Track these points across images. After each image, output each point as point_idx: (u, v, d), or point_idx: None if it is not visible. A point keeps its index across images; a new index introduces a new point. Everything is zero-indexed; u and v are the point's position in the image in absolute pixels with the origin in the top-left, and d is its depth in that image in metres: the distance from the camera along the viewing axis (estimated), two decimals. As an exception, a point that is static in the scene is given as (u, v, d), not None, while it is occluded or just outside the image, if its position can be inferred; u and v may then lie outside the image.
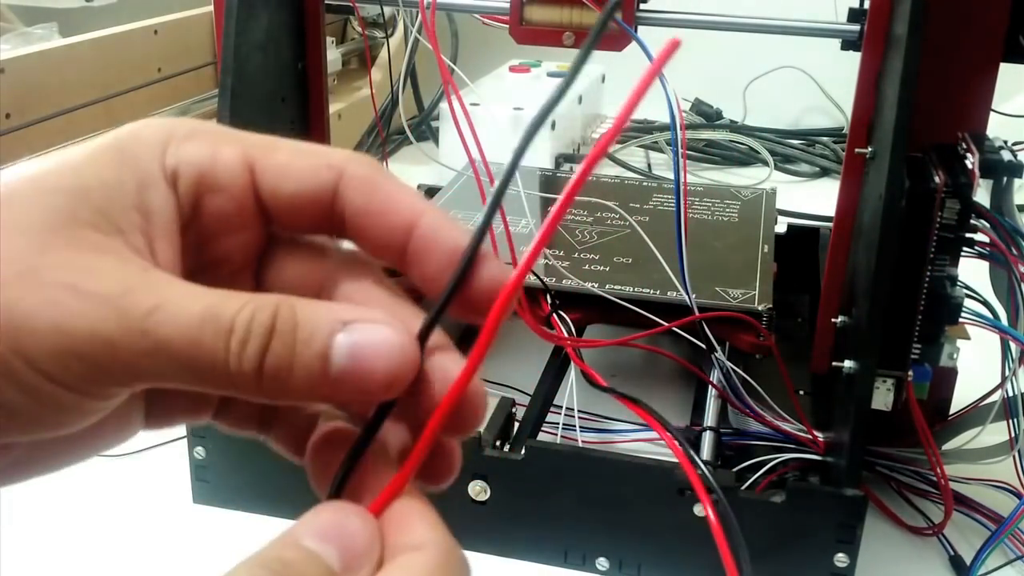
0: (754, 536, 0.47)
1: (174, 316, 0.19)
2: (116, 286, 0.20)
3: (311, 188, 0.22)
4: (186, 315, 0.19)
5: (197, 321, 0.19)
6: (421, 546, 0.20)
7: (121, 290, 0.20)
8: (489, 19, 0.62)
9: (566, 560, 0.50)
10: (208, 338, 0.19)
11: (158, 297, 0.20)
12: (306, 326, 0.20)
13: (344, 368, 0.20)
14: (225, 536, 0.53)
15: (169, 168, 0.22)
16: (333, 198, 0.22)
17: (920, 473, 0.56)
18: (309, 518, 0.20)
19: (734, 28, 0.59)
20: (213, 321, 0.20)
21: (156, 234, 0.21)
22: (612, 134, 0.21)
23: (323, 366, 0.20)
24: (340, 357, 0.20)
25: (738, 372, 0.56)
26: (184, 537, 0.53)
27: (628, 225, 0.70)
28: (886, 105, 0.47)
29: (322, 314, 0.20)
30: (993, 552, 0.51)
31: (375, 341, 0.20)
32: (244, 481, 0.54)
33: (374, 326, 0.20)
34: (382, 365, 0.20)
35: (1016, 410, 0.50)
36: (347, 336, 0.20)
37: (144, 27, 0.96)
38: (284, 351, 0.20)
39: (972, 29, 0.51)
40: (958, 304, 0.48)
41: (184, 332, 0.19)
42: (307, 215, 0.22)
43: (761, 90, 1.23)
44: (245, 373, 0.20)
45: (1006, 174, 0.48)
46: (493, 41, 0.83)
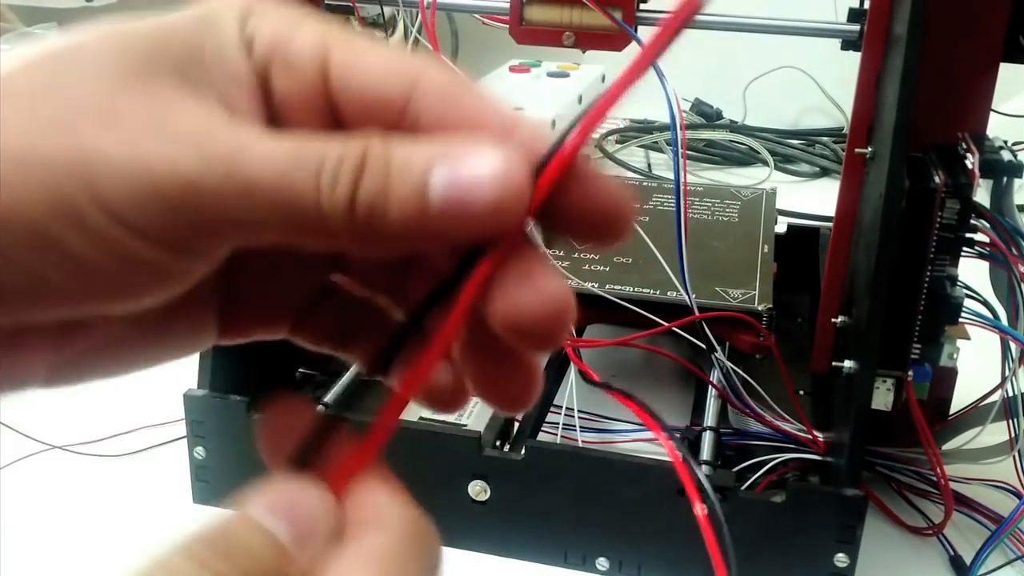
0: (754, 536, 0.47)
1: (262, 156, 0.18)
2: (199, 127, 0.18)
3: (384, 87, 0.20)
4: (274, 154, 0.18)
5: (285, 159, 0.18)
6: (385, 524, 0.19)
7: (204, 131, 0.18)
8: (489, 19, 0.62)
9: (566, 560, 0.50)
10: (298, 175, 0.18)
11: (244, 139, 0.18)
12: (400, 156, 0.19)
13: (445, 195, 0.18)
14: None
15: (247, 35, 0.20)
16: (406, 102, 0.20)
17: (920, 473, 0.56)
18: (260, 491, 0.19)
19: (734, 28, 0.59)
20: (302, 158, 0.18)
21: (236, 95, 0.20)
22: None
23: (421, 197, 0.18)
24: (439, 185, 0.18)
25: (738, 372, 0.56)
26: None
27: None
28: (886, 105, 0.47)
29: (418, 146, 0.19)
30: (993, 552, 0.51)
31: (476, 163, 0.18)
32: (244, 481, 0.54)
33: (475, 150, 0.19)
34: (486, 188, 0.18)
35: (1016, 410, 0.50)
36: (445, 166, 0.18)
37: (144, 27, 0.96)
38: (377, 184, 0.18)
39: (972, 29, 0.51)
40: (958, 304, 0.48)
41: (273, 170, 0.18)
42: (377, 116, 0.20)
43: (761, 90, 1.23)
44: (337, 209, 0.18)
45: (1006, 174, 0.49)
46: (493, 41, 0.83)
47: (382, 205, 0.18)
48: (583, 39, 0.57)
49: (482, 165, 0.18)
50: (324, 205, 0.18)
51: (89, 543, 0.53)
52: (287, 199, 0.18)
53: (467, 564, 0.51)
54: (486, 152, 0.19)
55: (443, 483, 0.50)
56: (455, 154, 0.19)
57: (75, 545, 0.52)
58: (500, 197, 0.18)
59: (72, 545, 0.52)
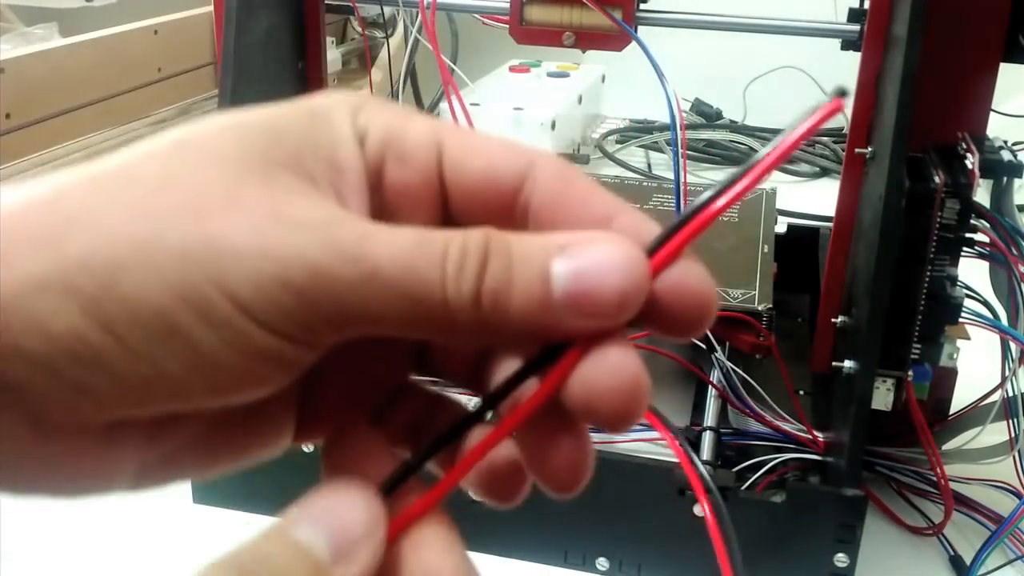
0: (754, 536, 0.47)
1: (387, 242, 0.18)
2: (321, 216, 0.18)
3: (499, 171, 0.21)
4: (399, 240, 0.18)
5: (410, 247, 0.18)
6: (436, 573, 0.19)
7: (327, 219, 0.18)
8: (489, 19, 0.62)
9: (566, 560, 0.50)
10: (423, 263, 0.18)
11: (368, 227, 0.18)
12: (521, 248, 0.18)
13: (568, 288, 0.18)
14: (225, 536, 0.53)
15: (360, 128, 0.21)
16: (519, 188, 0.20)
17: (920, 473, 0.56)
18: (305, 500, 0.19)
19: (734, 28, 0.59)
20: (428, 246, 0.18)
21: (347, 190, 0.20)
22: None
23: (544, 287, 0.18)
24: (562, 276, 0.18)
25: (738, 372, 0.56)
26: (184, 537, 0.53)
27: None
28: (886, 105, 0.47)
29: (537, 239, 0.19)
30: (993, 552, 0.51)
31: (599, 257, 0.18)
32: (244, 481, 0.54)
33: (594, 243, 0.19)
34: (612, 280, 0.18)
35: (1016, 410, 0.50)
36: (567, 258, 0.18)
37: (144, 27, 0.96)
38: (502, 272, 0.18)
39: (972, 29, 0.51)
40: (958, 304, 0.48)
41: (398, 257, 0.18)
42: (489, 201, 0.21)
43: (761, 90, 1.23)
44: (463, 298, 0.18)
45: (1006, 174, 0.49)
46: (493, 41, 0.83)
47: (506, 295, 0.18)
48: (583, 39, 0.57)
49: (605, 257, 0.18)
50: (450, 294, 0.18)
51: (89, 543, 0.53)
52: (413, 287, 0.18)
53: (467, 564, 0.51)
54: (608, 244, 0.19)
55: (443, 483, 0.50)
56: (576, 245, 0.19)
57: (76, 545, 0.52)
58: (624, 289, 0.18)
59: (73, 545, 0.52)
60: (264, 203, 0.18)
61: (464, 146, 0.21)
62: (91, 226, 0.17)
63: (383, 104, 0.21)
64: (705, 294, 0.20)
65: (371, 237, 0.18)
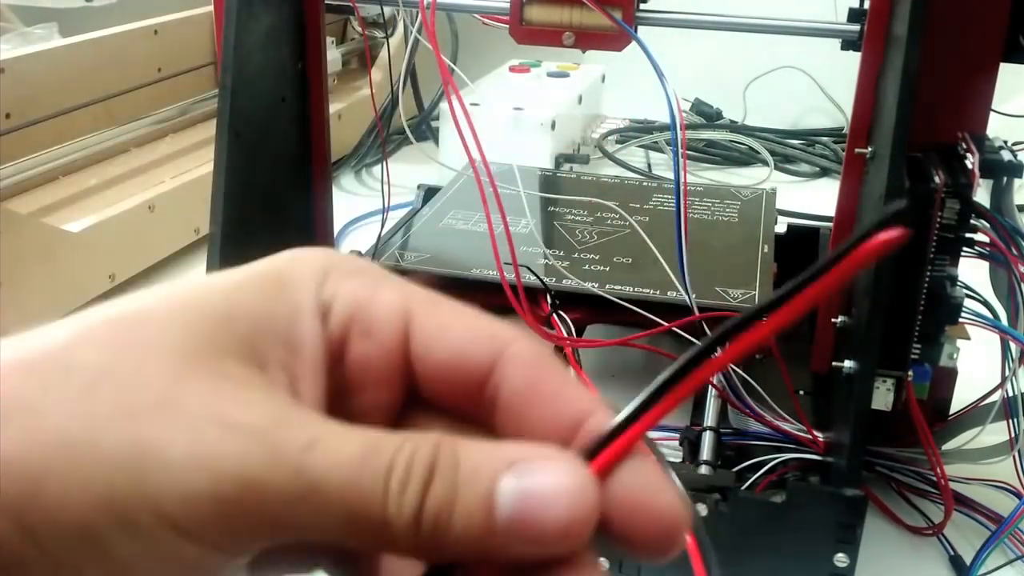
0: (754, 536, 0.47)
1: (333, 452, 0.17)
2: (267, 418, 0.17)
3: (469, 355, 0.20)
4: (346, 451, 0.17)
5: (357, 459, 0.17)
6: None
7: (272, 423, 0.17)
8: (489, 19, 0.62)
9: (566, 560, 0.50)
10: (368, 478, 0.17)
11: (313, 432, 0.17)
12: (468, 464, 0.18)
13: (512, 514, 0.17)
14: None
15: (324, 301, 0.20)
16: (489, 372, 0.20)
17: (920, 473, 0.56)
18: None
19: (734, 28, 0.59)
20: (372, 458, 0.17)
21: (301, 372, 0.19)
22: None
23: (488, 511, 0.17)
24: (507, 501, 0.17)
25: (738, 372, 0.56)
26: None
27: (628, 225, 0.70)
28: (886, 105, 0.47)
29: (486, 452, 0.18)
30: (993, 552, 0.51)
31: (546, 480, 0.17)
32: None
33: (546, 463, 0.18)
34: (556, 510, 0.17)
35: (1016, 410, 0.50)
36: (514, 478, 0.17)
37: (144, 27, 0.96)
38: (446, 493, 0.17)
39: (972, 29, 0.51)
40: (958, 304, 0.48)
41: (343, 470, 0.17)
42: (457, 385, 0.20)
43: (761, 90, 1.23)
44: (403, 518, 0.17)
45: (1006, 174, 0.49)
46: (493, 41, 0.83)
47: (447, 519, 0.17)
48: (583, 39, 0.57)
49: (553, 480, 0.17)
50: (390, 513, 0.17)
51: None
52: (354, 503, 0.17)
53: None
54: (558, 466, 0.18)
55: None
56: (526, 463, 0.18)
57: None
58: (570, 519, 0.17)
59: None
60: (204, 403, 0.17)
61: (434, 323, 0.20)
62: (22, 424, 0.17)
63: (352, 268, 0.20)
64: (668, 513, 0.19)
65: (315, 446, 0.17)
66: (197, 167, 0.89)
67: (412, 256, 0.67)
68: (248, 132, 0.56)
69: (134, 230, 0.80)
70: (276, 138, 0.61)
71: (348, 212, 0.92)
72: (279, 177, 0.62)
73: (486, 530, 0.17)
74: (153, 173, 0.88)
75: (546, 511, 0.17)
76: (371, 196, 1.04)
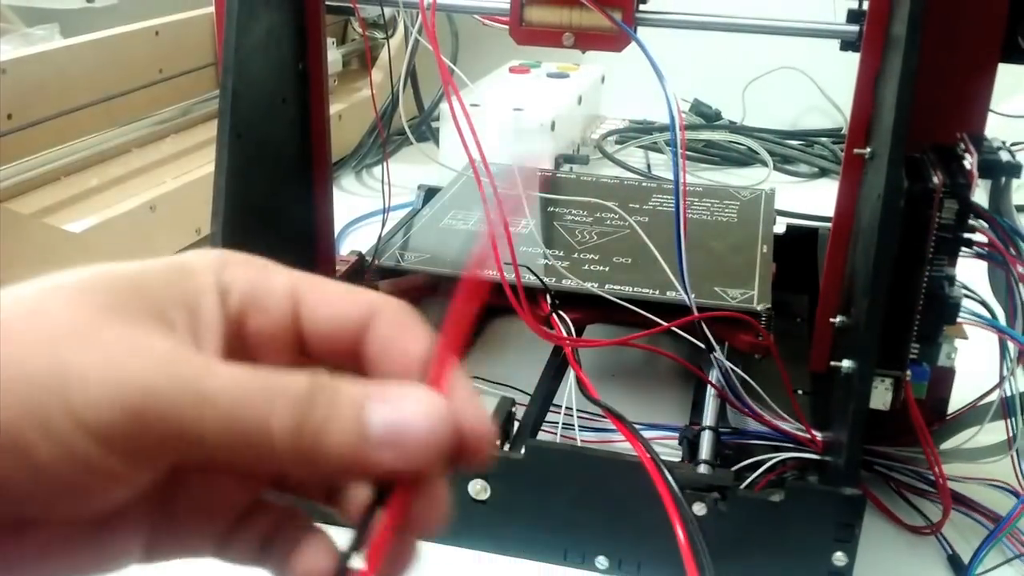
0: (752, 535, 0.47)
1: (224, 378, 0.20)
2: (168, 351, 0.21)
3: (343, 320, 0.24)
4: (236, 378, 0.20)
5: (243, 385, 0.20)
6: None
7: (172, 354, 0.21)
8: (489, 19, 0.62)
9: (566, 559, 0.51)
10: (257, 397, 0.20)
11: (209, 365, 0.21)
12: (344, 391, 0.21)
13: (381, 431, 0.21)
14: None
15: (223, 284, 0.23)
16: (363, 334, 0.23)
17: (918, 472, 0.56)
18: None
19: (734, 28, 0.59)
20: (259, 386, 0.20)
21: (202, 335, 0.22)
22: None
23: (359, 428, 0.21)
24: (377, 420, 0.21)
25: (737, 372, 0.56)
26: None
27: (628, 225, 0.70)
28: (885, 105, 0.47)
29: (358, 386, 0.21)
30: (991, 551, 0.51)
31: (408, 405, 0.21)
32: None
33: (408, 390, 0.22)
34: (420, 426, 0.21)
35: (1014, 409, 0.50)
36: (383, 403, 0.21)
37: (145, 28, 0.96)
38: (324, 413, 0.21)
39: (971, 29, 0.51)
40: (956, 304, 0.48)
41: (235, 389, 0.20)
42: (338, 347, 0.24)
43: (760, 90, 1.23)
44: (286, 432, 0.20)
45: (1004, 174, 0.49)
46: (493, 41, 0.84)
47: (324, 435, 0.20)
48: (583, 39, 0.58)
49: (414, 406, 0.21)
50: (274, 427, 0.20)
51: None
52: (243, 418, 0.20)
53: (467, 563, 0.51)
54: (419, 397, 0.21)
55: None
56: (393, 396, 0.21)
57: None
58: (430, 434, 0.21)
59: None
60: (118, 339, 0.20)
61: (318, 296, 0.24)
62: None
63: (247, 261, 0.24)
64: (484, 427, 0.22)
65: (211, 373, 0.20)
66: (198, 167, 0.89)
67: (412, 256, 0.67)
68: (249, 133, 0.56)
69: (136, 230, 0.80)
70: (277, 139, 0.61)
71: (349, 212, 0.92)
72: (280, 177, 0.62)
73: (359, 446, 0.21)
74: (154, 173, 0.88)
75: (411, 427, 0.21)
76: (371, 196, 1.04)
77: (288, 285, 0.24)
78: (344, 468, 0.21)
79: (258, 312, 0.23)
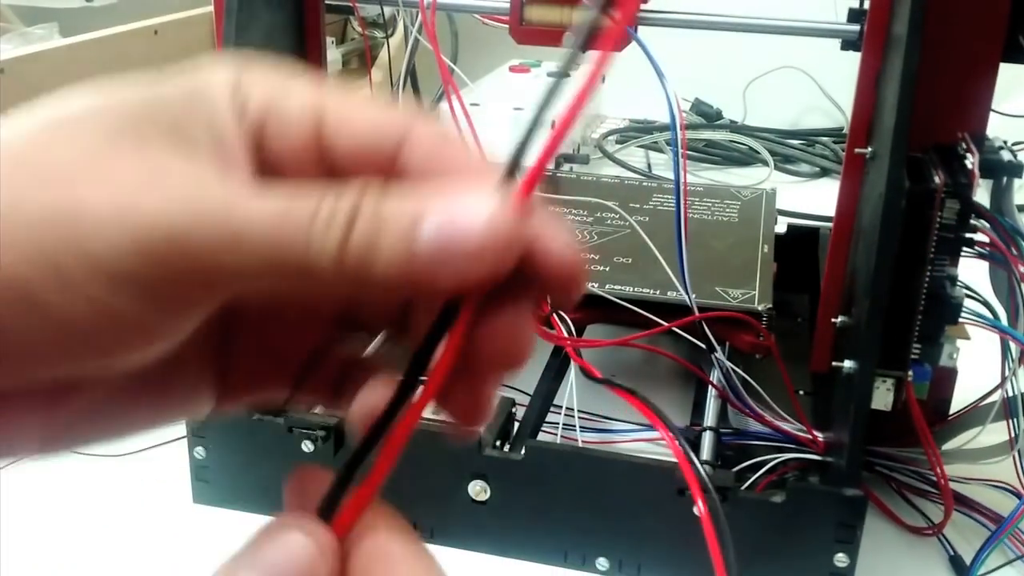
0: (754, 536, 0.47)
1: (255, 207, 0.18)
2: (190, 182, 0.18)
3: (379, 133, 0.21)
4: (267, 205, 0.18)
5: (279, 208, 0.18)
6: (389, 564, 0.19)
7: (195, 185, 0.18)
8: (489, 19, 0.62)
9: (566, 560, 0.50)
10: (289, 225, 0.18)
11: (236, 192, 0.18)
12: (390, 209, 0.19)
13: (432, 246, 0.18)
14: (225, 536, 0.53)
15: (239, 101, 0.21)
16: (398, 149, 0.21)
17: (920, 473, 0.56)
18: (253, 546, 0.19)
19: (734, 28, 0.59)
20: (296, 208, 0.18)
21: (225, 156, 0.20)
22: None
23: (408, 247, 0.18)
24: (428, 235, 0.18)
25: (738, 372, 0.56)
26: (184, 537, 0.53)
27: (628, 225, 0.70)
28: (886, 105, 0.47)
29: (407, 199, 0.19)
30: (993, 552, 0.51)
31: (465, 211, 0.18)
32: (244, 481, 0.54)
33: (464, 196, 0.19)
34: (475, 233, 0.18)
35: (1016, 410, 0.50)
36: (435, 215, 0.18)
37: (144, 27, 0.96)
38: (367, 234, 0.18)
39: (972, 29, 0.51)
40: (958, 304, 0.48)
41: (263, 221, 0.18)
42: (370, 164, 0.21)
43: (761, 90, 1.23)
44: (326, 258, 0.18)
45: (1006, 174, 0.49)
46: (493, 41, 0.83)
47: (371, 255, 0.18)
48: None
49: (471, 213, 0.18)
50: (313, 254, 0.18)
51: (89, 543, 0.53)
52: (276, 248, 0.18)
53: (467, 564, 0.51)
54: (476, 199, 0.19)
55: (443, 483, 0.50)
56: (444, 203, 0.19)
57: (75, 545, 0.52)
58: (485, 245, 0.18)
59: (72, 545, 0.52)
60: (132, 170, 0.18)
61: (342, 114, 0.21)
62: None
63: (264, 72, 0.21)
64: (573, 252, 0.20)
65: (238, 202, 0.18)
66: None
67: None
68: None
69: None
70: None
71: (348, 212, 0.92)
72: (279, 177, 0.62)
73: (408, 264, 0.18)
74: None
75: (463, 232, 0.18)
76: (371, 196, 1.04)
77: (310, 102, 0.21)
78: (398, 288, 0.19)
79: (277, 130, 0.21)
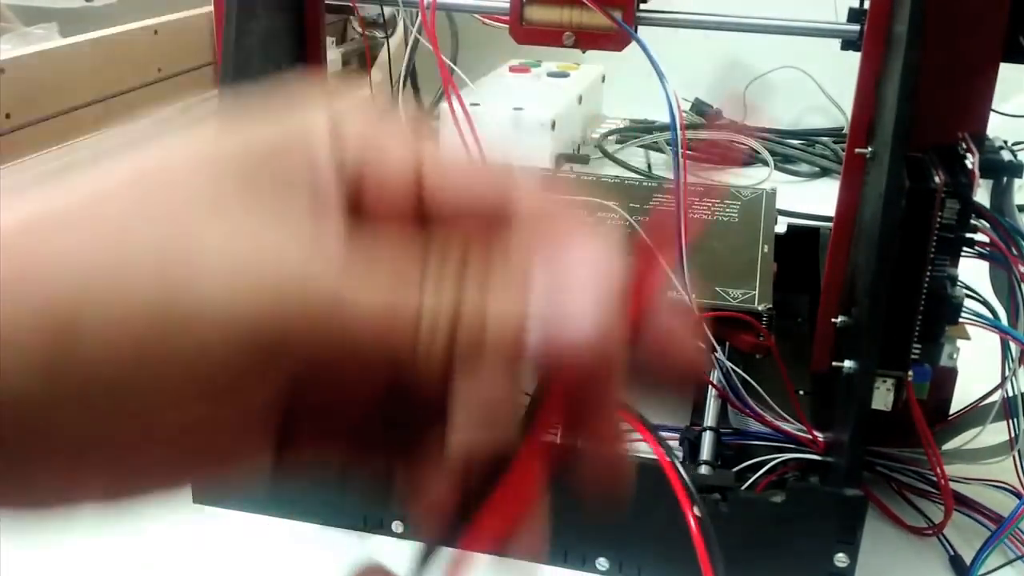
0: (754, 536, 0.47)
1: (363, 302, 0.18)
2: (299, 257, 0.18)
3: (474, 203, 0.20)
4: (375, 299, 0.18)
5: (385, 304, 0.18)
6: None
7: (304, 260, 0.18)
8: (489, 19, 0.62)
9: (566, 560, 0.50)
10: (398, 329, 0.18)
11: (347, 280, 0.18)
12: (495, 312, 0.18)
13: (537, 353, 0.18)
14: (225, 536, 0.53)
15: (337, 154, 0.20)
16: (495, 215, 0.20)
17: (920, 473, 0.56)
18: None
19: (734, 28, 0.59)
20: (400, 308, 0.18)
21: (323, 207, 0.19)
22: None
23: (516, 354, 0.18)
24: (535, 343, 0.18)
25: (738, 372, 0.56)
26: (184, 537, 0.53)
27: (628, 225, 0.70)
28: (886, 105, 0.47)
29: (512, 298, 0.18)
30: (993, 552, 0.51)
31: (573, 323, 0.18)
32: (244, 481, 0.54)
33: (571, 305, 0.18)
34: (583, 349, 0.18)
35: (1016, 410, 0.50)
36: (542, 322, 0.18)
37: (144, 27, 0.96)
38: (473, 337, 0.18)
39: (972, 29, 0.51)
40: (958, 304, 0.48)
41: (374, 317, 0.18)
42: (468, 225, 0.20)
43: (761, 90, 1.22)
44: (433, 366, 0.18)
45: (1006, 174, 0.48)
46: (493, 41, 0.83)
47: (475, 363, 0.18)
48: (583, 39, 0.57)
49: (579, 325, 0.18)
50: (420, 360, 0.18)
51: (89, 542, 0.53)
52: (382, 351, 0.18)
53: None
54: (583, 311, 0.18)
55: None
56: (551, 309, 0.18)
57: (75, 545, 0.52)
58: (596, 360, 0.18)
59: (72, 545, 0.52)
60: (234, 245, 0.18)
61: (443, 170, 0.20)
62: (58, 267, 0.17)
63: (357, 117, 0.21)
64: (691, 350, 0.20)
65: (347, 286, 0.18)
66: (197, 167, 0.89)
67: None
68: (248, 132, 0.56)
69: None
70: (276, 138, 0.61)
71: (348, 212, 0.92)
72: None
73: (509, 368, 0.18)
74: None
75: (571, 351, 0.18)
76: (371, 196, 1.03)
77: (408, 162, 0.20)
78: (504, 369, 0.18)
79: (375, 186, 0.20)
